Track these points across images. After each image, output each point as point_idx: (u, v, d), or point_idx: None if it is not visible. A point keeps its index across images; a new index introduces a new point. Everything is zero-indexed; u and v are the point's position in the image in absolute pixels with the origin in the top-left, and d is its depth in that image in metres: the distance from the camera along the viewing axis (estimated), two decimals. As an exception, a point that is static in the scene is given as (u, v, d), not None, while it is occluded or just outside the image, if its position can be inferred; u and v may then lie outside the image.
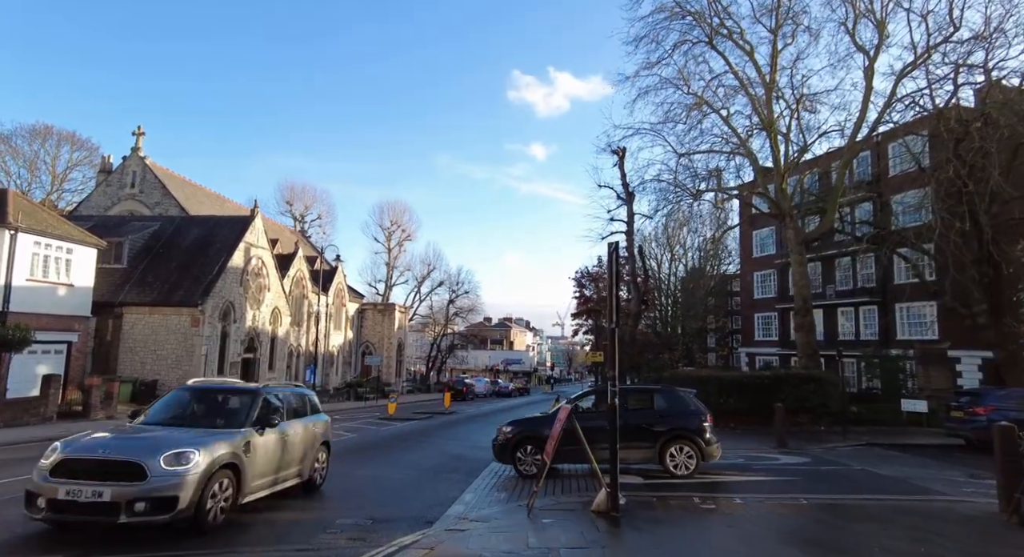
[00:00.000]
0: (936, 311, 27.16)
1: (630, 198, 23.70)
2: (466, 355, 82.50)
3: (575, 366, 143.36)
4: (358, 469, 11.98)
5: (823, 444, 16.28)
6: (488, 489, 9.91)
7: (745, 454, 14.47)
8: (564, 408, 8.16)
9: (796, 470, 11.95)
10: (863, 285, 32.64)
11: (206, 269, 29.15)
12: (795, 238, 22.88)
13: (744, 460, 13.33)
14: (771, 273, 39.85)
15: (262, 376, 33.13)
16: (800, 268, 22.78)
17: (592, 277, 36.73)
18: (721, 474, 11.26)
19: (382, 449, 15.51)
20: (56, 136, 44.26)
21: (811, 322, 22.74)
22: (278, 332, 35.22)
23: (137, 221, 32.77)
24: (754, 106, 23.08)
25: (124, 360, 27.37)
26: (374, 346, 53.75)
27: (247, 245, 31.30)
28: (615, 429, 7.71)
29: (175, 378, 27.08)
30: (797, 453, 14.54)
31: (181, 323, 27.59)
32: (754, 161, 24.45)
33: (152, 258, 30.26)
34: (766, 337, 40.27)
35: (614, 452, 7.57)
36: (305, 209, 65.82)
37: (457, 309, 69.20)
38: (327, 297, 46.53)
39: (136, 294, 28.26)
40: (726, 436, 18.82)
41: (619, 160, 23.87)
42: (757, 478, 10.87)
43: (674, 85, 25.48)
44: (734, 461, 13.24)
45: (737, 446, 16.23)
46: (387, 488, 10.15)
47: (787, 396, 21.16)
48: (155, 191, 36.98)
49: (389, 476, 11.27)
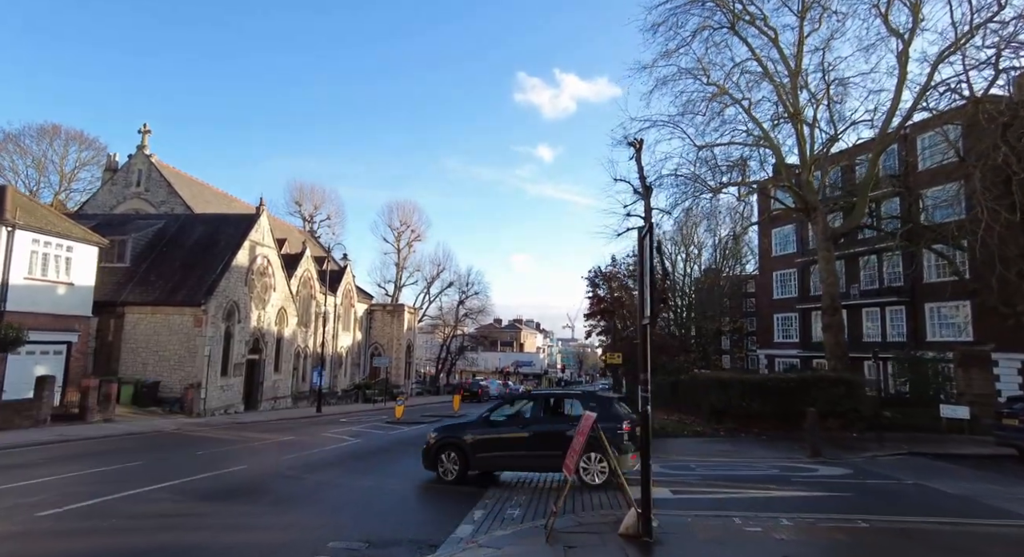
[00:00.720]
0: (971, 310, 25.77)
1: (647, 192, 22.62)
2: (476, 357, 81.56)
3: (585, 368, 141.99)
4: (358, 479, 11.04)
5: (860, 453, 15.10)
6: (499, 504, 8.92)
7: (778, 464, 13.36)
8: (587, 416, 7.15)
9: (840, 484, 10.82)
10: (889, 284, 31.26)
11: (210, 268, 28.45)
12: (822, 233, 21.67)
13: (779, 471, 12.22)
14: (791, 272, 38.51)
15: (267, 378, 32.39)
16: (828, 265, 21.57)
17: (606, 276, 35.62)
18: (757, 488, 10.18)
19: (386, 456, 14.57)
20: (64, 135, 44.01)
21: (840, 322, 21.50)
22: (284, 333, 34.47)
23: (141, 219, 32.18)
24: (779, 95, 21.93)
25: (126, 361, 26.69)
26: (383, 347, 52.98)
27: (252, 243, 30.58)
28: (648, 439, 6.69)
29: (177, 379, 26.42)
30: (835, 463, 13.39)
31: (184, 323, 26.88)
32: (777, 153, 23.27)
33: (155, 256, 29.61)
34: (786, 339, 38.91)
35: (646, 466, 6.55)
36: (315, 209, 65.20)
37: (467, 310, 68.30)
38: (335, 298, 45.84)
39: (139, 293, 27.60)
40: (753, 443, 17.76)
41: (636, 152, 22.81)
42: (799, 493, 9.76)
43: (693, 75, 24.39)
44: (768, 472, 12.14)
45: (767, 455, 15.12)
46: (388, 502, 9.18)
47: (815, 400, 19.89)
48: (160, 189, 36.42)
49: (391, 488, 10.31)
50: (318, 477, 11.17)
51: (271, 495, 9.58)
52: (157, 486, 9.75)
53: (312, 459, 13.66)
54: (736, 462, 13.71)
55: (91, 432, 17.53)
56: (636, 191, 23.22)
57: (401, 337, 53.90)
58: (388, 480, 11.06)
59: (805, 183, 21.96)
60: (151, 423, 20.94)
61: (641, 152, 22.98)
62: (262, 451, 15.14)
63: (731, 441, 17.97)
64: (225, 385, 28.45)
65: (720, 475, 11.67)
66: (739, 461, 13.87)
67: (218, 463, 12.49)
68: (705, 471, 12.10)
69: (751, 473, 11.99)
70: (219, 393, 27.92)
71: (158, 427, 19.86)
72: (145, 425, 20.17)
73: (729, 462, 13.70)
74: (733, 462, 13.71)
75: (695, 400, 25.28)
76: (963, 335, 26.24)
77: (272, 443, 16.89)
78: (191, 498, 9.09)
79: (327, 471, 11.90)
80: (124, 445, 15.46)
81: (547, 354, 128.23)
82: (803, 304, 36.53)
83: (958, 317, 26.90)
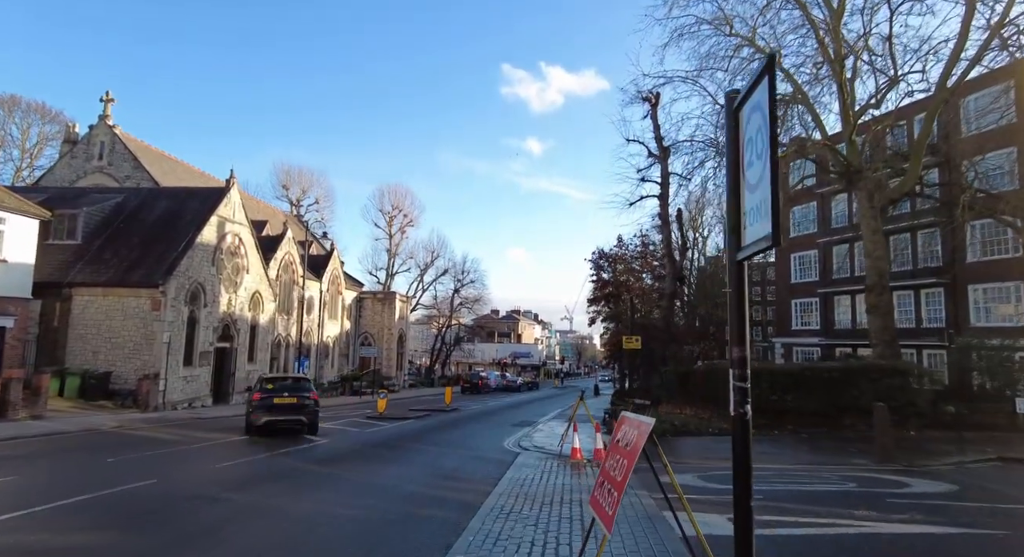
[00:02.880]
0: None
1: (664, 154, 19.65)
2: (473, 348, 78.60)
3: (584, 360, 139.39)
4: (297, 502, 8.11)
5: (940, 458, 12.21)
6: (490, 542, 6.01)
7: (845, 474, 10.48)
8: (635, 423, 4.20)
9: (960, 509, 7.92)
10: (926, 264, 28.38)
11: (172, 246, 25.37)
12: (868, 201, 18.72)
13: (856, 485, 9.35)
14: (812, 254, 35.55)
15: (240, 369, 29.42)
16: (874, 236, 18.63)
17: (611, 258, 32.65)
18: (846, 516, 7.29)
19: (351, 463, 11.65)
20: (24, 107, 40.69)
21: (889, 302, 18.60)
22: (260, 319, 31.46)
23: (98, 193, 29.05)
24: (817, 38, 18.88)
25: (74, 349, 23.67)
26: (373, 337, 49.99)
27: (221, 219, 27.50)
28: (747, 474, 3.76)
29: (132, 369, 23.44)
30: (921, 473, 10.51)
31: (140, 306, 23.85)
32: (813, 111, 20.29)
33: (111, 233, 26.51)
34: (805, 326, 36.03)
35: (746, 528, 3.61)
36: (302, 193, 61.89)
37: (463, 299, 65.25)
38: (321, 284, 42.83)
39: (89, 273, 24.53)
40: (794, 444, 14.86)
41: (651, 108, 19.80)
42: (917, 528, 6.83)
43: (713, 26, 21.40)
44: (844, 487, 9.27)
45: (824, 460, 12.23)
46: (330, 546, 6.27)
47: (862, 393, 17.14)
48: (125, 164, 33.24)
49: (337, 516, 7.40)
50: (246, 497, 8.26)
51: (159, 531, 6.65)
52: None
53: (254, 468, 10.75)
54: (790, 470, 10.84)
55: (5, 432, 14.56)
56: (651, 153, 20.21)
57: (392, 326, 50.93)
58: (335, 505, 8.13)
59: (848, 141, 18.99)
60: (89, 420, 17.98)
61: (657, 108, 19.97)
62: (197, 456, 12.22)
63: (768, 441, 15.09)
64: (189, 376, 25.48)
65: (784, 492, 8.81)
66: (793, 469, 11.00)
67: (124, 475, 9.57)
68: (761, 484, 9.24)
69: (824, 489, 9.12)
70: (182, 385, 24.95)
71: (95, 425, 16.91)
72: (80, 422, 17.21)
73: (781, 470, 10.83)
74: (786, 470, 10.84)
75: (711, 393, 22.34)
76: (1015, 320, 23.37)
77: (218, 445, 13.97)
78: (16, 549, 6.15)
79: (263, 487, 9.00)
80: (31, 449, 12.53)
81: (546, 345, 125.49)
82: (826, 288, 33.63)
83: (1010, 298, 24.00)
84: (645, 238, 31.96)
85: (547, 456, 12.84)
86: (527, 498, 8.42)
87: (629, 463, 3.85)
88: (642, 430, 3.93)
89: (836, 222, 33.93)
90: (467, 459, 12.64)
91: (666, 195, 19.29)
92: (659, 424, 16.40)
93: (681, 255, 22.98)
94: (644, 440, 3.83)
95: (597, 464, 11.85)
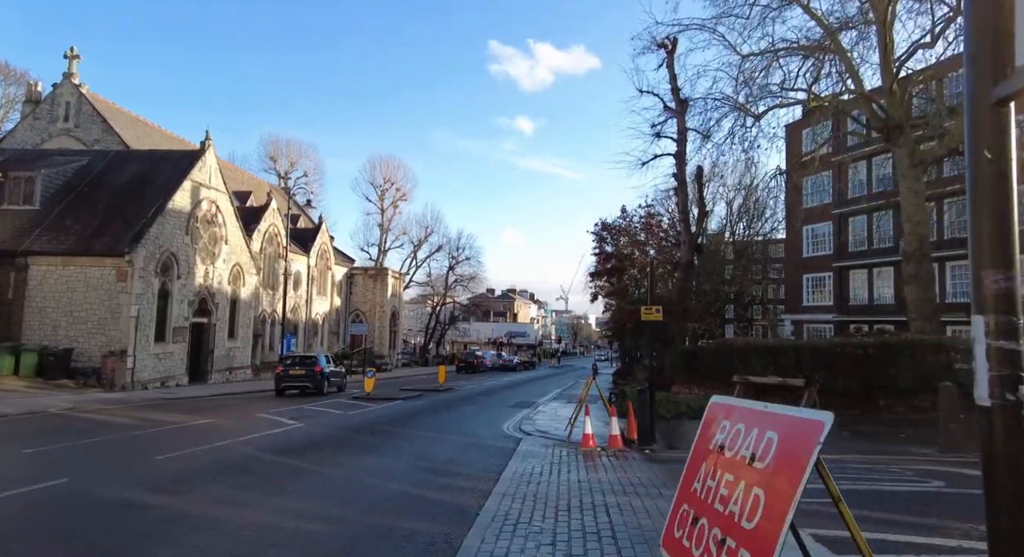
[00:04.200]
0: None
1: (682, 107, 17.55)
2: (468, 327, 76.96)
3: (580, 339, 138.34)
4: (243, 510, 6.25)
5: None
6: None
7: (916, 467, 8.73)
8: (778, 420, 2.32)
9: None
10: (952, 235, 26.56)
11: (141, 212, 23.25)
12: (909, 158, 16.79)
13: (944, 484, 7.59)
14: (826, 226, 33.74)
15: (219, 346, 27.54)
16: (916, 198, 16.73)
17: (614, 230, 30.69)
18: (942, 531, 5.51)
19: (325, 453, 9.82)
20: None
21: (929, 271, 16.77)
22: (241, 293, 29.47)
23: (60, 155, 26.75)
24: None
25: (31, 324, 21.68)
26: (364, 314, 48.09)
27: (195, 184, 25.31)
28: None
29: (97, 346, 21.52)
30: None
31: (105, 277, 21.83)
32: (846, 60, 18.20)
33: (74, 198, 24.33)
34: (818, 302, 34.39)
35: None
36: (291, 166, 59.12)
37: (458, 277, 63.24)
38: (309, 258, 40.78)
39: (47, 241, 22.42)
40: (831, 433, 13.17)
41: (667, 56, 17.64)
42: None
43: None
44: (928, 486, 7.51)
45: (876, 449, 10.49)
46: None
47: (901, 372, 15.47)
48: (94, 126, 30.81)
49: (293, 533, 5.55)
50: (177, 503, 6.41)
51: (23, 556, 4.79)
52: None
53: (203, 459, 8.91)
54: (843, 462, 9.06)
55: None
56: (667, 106, 18.09)
57: (384, 303, 49.04)
58: (298, 517, 6.29)
59: (888, 92, 16.96)
60: (38, 401, 16.09)
61: (674, 55, 17.79)
62: (140, 444, 10.38)
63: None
64: (162, 353, 23.57)
65: (855, 493, 7.03)
66: (846, 460, 9.23)
67: (34, 472, 7.72)
68: (815, 481, 7.46)
69: (907, 489, 7.37)
70: (153, 362, 23.06)
71: (41, 407, 15.02)
72: (25, 405, 15.31)
73: (832, 461, 9.05)
74: (838, 461, 9.06)
75: (723, 371, 20.55)
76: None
77: (175, 429, 12.14)
78: None
79: (205, 488, 7.15)
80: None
81: (541, 325, 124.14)
82: (841, 261, 31.88)
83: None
84: (651, 208, 29.94)
85: (554, 443, 11.10)
86: (536, 500, 6.62)
87: (777, 499, 1.97)
88: (804, 433, 2.03)
89: (854, 192, 32.01)
90: (462, 447, 10.85)
91: (683, 152, 17.27)
92: (672, 406, 14.66)
93: (699, 221, 20.96)
94: (814, 456, 1.94)
95: (613, 453, 10.11)
